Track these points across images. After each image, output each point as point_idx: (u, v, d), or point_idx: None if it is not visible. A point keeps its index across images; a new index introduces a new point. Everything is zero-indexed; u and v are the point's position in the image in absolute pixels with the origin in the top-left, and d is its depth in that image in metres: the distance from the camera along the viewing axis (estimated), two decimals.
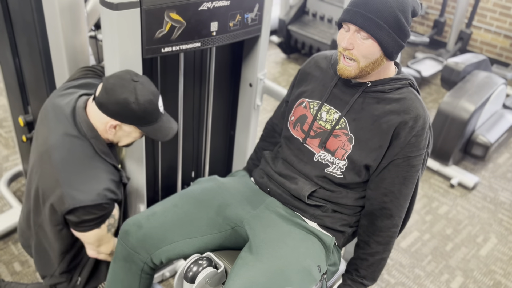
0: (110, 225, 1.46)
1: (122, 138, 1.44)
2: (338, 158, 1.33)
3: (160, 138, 1.43)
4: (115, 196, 1.40)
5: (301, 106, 1.42)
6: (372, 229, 1.35)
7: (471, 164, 3.20)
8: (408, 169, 1.29)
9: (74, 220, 1.37)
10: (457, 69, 3.11)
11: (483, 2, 4.55)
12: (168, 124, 1.45)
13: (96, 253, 1.54)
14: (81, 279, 1.61)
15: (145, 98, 1.34)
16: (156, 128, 1.41)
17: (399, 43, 1.21)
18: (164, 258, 1.40)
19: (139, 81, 1.35)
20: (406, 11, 1.19)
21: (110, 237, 1.50)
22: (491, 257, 2.43)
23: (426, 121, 1.28)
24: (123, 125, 1.38)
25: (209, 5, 1.48)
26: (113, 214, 1.45)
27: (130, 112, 1.33)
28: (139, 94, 1.32)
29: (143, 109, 1.34)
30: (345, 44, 1.22)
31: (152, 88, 1.38)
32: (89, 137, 1.39)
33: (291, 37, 4.30)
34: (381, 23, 1.17)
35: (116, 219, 1.49)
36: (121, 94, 1.32)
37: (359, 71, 1.25)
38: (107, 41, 1.41)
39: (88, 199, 1.33)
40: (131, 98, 1.32)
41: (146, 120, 1.37)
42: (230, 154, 2.20)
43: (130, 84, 1.32)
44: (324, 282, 1.35)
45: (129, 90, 1.32)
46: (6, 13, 1.84)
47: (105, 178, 1.39)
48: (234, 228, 1.40)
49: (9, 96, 2.27)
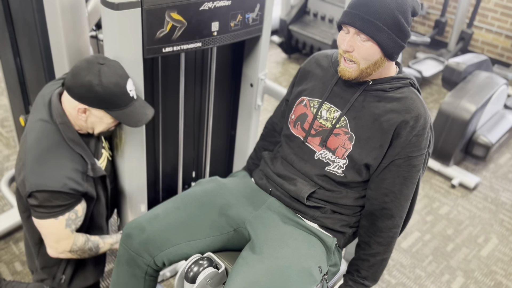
0: (70, 219, 1.41)
1: (95, 125, 1.41)
2: (339, 157, 1.32)
3: (132, 124, 1.39)
4: (78, 186, 1.37)
5: (301, 105, 1.41)
6: (373, 230, 1.35)
7: (472, 164, 3.20)
8: (409, 169, 1.28)
9: (32, 203, 1.36)
10: (458, 69, 3.10)
11: (484, 2, 4.54)
12: (142, 110, 1.41)
13: (54, 251, 1.48)
14: (65, 278, 1.60)
15: (110, 80, 1.32)
16: (127, 113, 1.37)
17: (399, 44, 1.21)
18: (167, 261, 1.39)
19: (105, 63, 1.33)
20: (406, 11, 1.19)
21: (68, 233, 1.43)
22: (492, 258, 2.42)
23: (427, 120, 1.28)
24: (92, 109, 1.36)
25: (210, 5, 1.48)
26: (75, 209, 1.41)
27: (95, 95, 1.32)
28: (103, 76, 1.31)
29: (109, 91, 1.32)
30: (345, 46, 1.21)
31: (120, 71, 1.35)
32: (58, 123, 1.38)
33: (292, 37, 4.30)
34: (380, 25, 1.17)
35: (78, 216, 1.43)
36: (85, 77, 1.31)
37: (360, 72, 1.25)
38: (108, 41, 1.41)
39: (47, 184, 1.32)
40: (95, 81, 1.31)
41: (114, 104, 1.35)
42: (231, 154, 2.20)
43: (95, 66, 1.32)
44: (325, 283, 1.35)
45: (93, 72, 1.31)
46: (7, 13, 1.84)
47: (68, 166, 1.36)
48: (237, 229, 1.40)
49: (10, 96, 2.27)
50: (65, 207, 1.38)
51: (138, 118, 1.40)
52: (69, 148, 1.38)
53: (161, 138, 1.81)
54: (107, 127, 1.44)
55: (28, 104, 2.08)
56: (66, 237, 1.44)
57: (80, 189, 1.38)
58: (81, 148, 1.41)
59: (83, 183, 1.39)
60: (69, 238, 1.45)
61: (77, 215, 1.43)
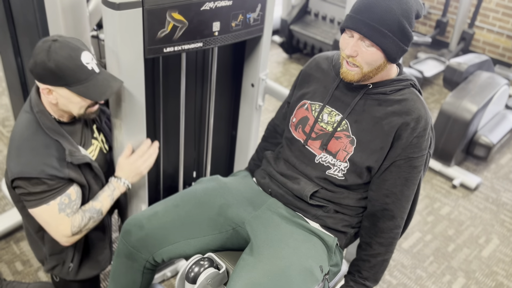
0: (62, 204, 1.40)
1: (68, 106, 1.40)
2: (340, 160, 1.32)
3: (95, 97, 1.36)
4: (56, 172, 1.36)
5: (303, 108, 1.41)
6: (374, 231, 1.35)
7: (473, 165, 3.19)
8: (410, 170, 1.28)
9: (20, 193, 1.38)
10: (460, 69, 3.10)
11: (486, 2, 4.54)
12: (106, 82, 1.38)
13: (60, 239, 1.47)
14: (73, 266, 1.61)
15: (61, 54, 1.30)
16: (89, 87, 1.35)
17: (402, 48, 1.21)
18: (165, 257, 1.41)
19: (58, 40, 1.32)
20: (410, 16, 1.19)
21: (64, 218, 1.42)
22: (493, 258, 2.42)
23: (428, 122, 1.27)
24: (55, 89, 1.35)
25: (211, 5, 1.48)
26: (67, 193, 1.41)
27: (49, 72, 1.31)
28: (53, 51, 1.30)
29: (61, 66, 1.30)
30: (349, 51, 1.21)
31: (73, 45, 1.33)
32: (35, 112, 1.40)
33: (293, 37, 4.30)
34: (385, 32, 1.16)
35: (72, 200, 1.43)
36: (38, 55, 1.31)
37: (362, 76, 1.25)
38: (109, 40, 1.41)
39: (24, 171, 1.33)
40: (46, 57, 1.30)
41: (72, 79, 1.33)
42: (232, 154, 2.20)
43: (47, 43, 1.31)
44: (326, 283, 1.34)
45: (44, 49, 1.30)
46: (8, 13, 1.85)
47: (43, 152, 1.36)
48: (235, 228, 1.40)
49: (11, 95, 2.27)
50: (54, 191, 1.38)
51: (101, 90, 1.36)
52: (46, 135, 1.39)
53: (162, 138, 1.81)
54: (81, 107, 1.41)
55: None
56: (63, 222, 1.43)
57: (59, 174, 1.37)
58: (59, 135, 1.41)
59: (61, 169, 1.38)
60: (66, 222, 1.44)
61: (70, 198, 1.42)
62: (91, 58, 1.36)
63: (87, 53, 1.35)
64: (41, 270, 2.05)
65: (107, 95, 1.37)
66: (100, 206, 1.51)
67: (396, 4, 1.16)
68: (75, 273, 1.63)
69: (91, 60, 1.36)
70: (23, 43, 1.88)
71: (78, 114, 1.43)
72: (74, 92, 1.35)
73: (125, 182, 1.54)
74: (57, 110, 1.42)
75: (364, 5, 1.17)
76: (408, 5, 1.18)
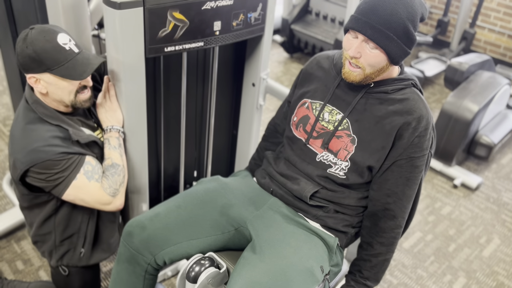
0: (88, 172, 1.42)
1: (57, 93, 1.40)
2: (341, 159, 1.32)
3: (76, 77, 1.37)
4: (65, 148, 1.38)
5: (304, 107, 1.41)
6: (375, 230, 1.35)
7: (474, 164, 3.19)
8: (411, 170, 1.28)
9: (41, 185, 1.39)
10: (461, 69, 3.10)
11: (487, 1, 4.53)
12: (86, 61, 1.38)
13: (105, 205, 1.48)
14: (84, 251, 1.62)
15: (37, 38, 1.31)
16: (69, 67, 1.35)
17: (406, 51, 1.21)
18: (167, 259, 1.40)
19: (34, 28, 1.34)
20: (415, 20, 1.19)
21: (95, 184, 1.44)
22: (494, 258, 2.42)
23: (429, 121, 1.27)
24: (41, 76, 1.36)
25: (212, 5, 1.48)
26: (87, 161, 1.42)
27: (29, 59, 1.32)
28: (29, 38, 1.31)
29: (39, 49, 1.31)
30: (352, 53, 1.21)
31: (48, 28, 1.34)
32: (30, 103, 1.42)
33: (294, 37, 4.29)
34: (390, 35, 1.16)
35: (94, 165, 1.44)
36: (17, 45, 1.33)
37: (364, 77, 1.25)
38: (110, 40, 1.41)
39: (34, 157, 1.34)
40: (24, 45, 1.32)
41: (52, 62, 1.33)
42: (233, 154, 2.20)
43: (24, 33, 1.33)
44: (326, 283, 1.34)
45: (22, 38, 1.33)
46: (10, 13, 1.85)
47: (44, 135, 1.38)
48: (238, 229, 1.40)
49: (12, 94, 2.28)
50: (74, 166, 1.40)
51: (81, 69, 1.37)
52: (45, 122, 1.41)
53: (163, 138, 1.81)
54: (69, 91, 1.41)
55: None
56: (97, 189, 1.45)
57: (69, 150, 1.39)
58: (58, 120, 1.42)
59: (69, 146, 1.40)
60: (99, 189, 1.45)
61: (92, 164, 1.44)
62: (69, 39, 1.37)
63: (64, 35, 1.36)
64: (42, 269, 2.05)
65: (88, 73, 1.38)
66: (109, 161, 1.50)
67: (402, 7, 1.15)
68: (88, 258, 1.63)
69: (68, 41, 1.36)
70: None
71: (70, 101, 1.43)
72: (56, 75, 1.35)
73: (111, 128, 1.54)
74: (51, 101, 1.43)
75: (370, 7, 1.16)
76: (414, 8, 1.17)
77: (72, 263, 1.63)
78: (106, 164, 1.49)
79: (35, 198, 1.50)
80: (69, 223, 1.57)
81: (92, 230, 1.61)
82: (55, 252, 1.62)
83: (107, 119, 1.53)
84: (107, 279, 2.02)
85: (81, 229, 1.59)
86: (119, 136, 1.54)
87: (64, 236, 1.59)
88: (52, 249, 1.62)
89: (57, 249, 1.62)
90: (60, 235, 1.59)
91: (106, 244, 1.67)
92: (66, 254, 1.62)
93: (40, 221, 1.56)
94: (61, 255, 1.62)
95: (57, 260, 1.63)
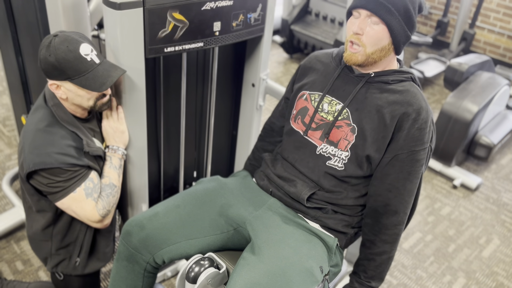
0: (88, 188, 1.44)
1: (77, 99, 1.41)
2: (341, 149, 1.32)
3: (95, 88, 1.38)
4: (76, 161, 1.39)
5: (302, 99, 1.42)
6: (378, 227, 1.35)
7: (474, 165, 3.19)
8: (412, 164, 1.28)
9: (41, 189, 1.40)
10: (461, 69, 3.10)
11: (487, 2, 4.53)
12: (106, 73, 1.39)
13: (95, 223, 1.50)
14: (80, 260, 1.62)
15: (60, 47, 1.32)
16: (89, 78, 1.36)
17: (406, 33, 1.24)
18: (166, 258, 1.40)
19: (58, 35, 1.34)
20: (415, 2, 1.23)
21: (91, 203, 1.46)
22: (494, 259, 2.42)
23: (429, 114, 1.28)
24: (62, 83, 1.37)
25: (212, 5, 1.48)
26: (90, 177, 1.44)
27: (51, 66, 1.33)
28: (52, 46, 1.32)
29: (61, 59, 1.32)
30: (355, 29, 1.23)
31: (71, 37, 1.35)
32: (50, 105, 1.43)
33: (294, 37, 4.30)
34: (392, 9, 1.19)
35: (95, 184, 1.46)
36: (40, 52, 1.34)
37: (366, 57, 1.26)
38: (110, 40, 1.41)
39: (44, 161, 1.35)
40: (47, 52, 1.33)
41: (73, 72, 1.34)
42: (232, 154, 2.20)
43: (48, 39, 1.34)
44: (326, 283, 1.34)
45: (45, 45, 1.33)
46: (10, 13, 1.85)
47: (60, 143, 1.39)
48: (237, 229, 1.40)
49: (12, 95, 2.28)
50: (77, 179, 1.41)
51: (101, 81, 1.38)
52: (62, 127, 1.42)
53: (163, 138, 1.82)
54: (88, 99, 1.42)
55: (29, 103, 2.08)
56: (92, 206, 1.46)
57: (80, 163, 1.40)
58: (75, 127, 1.44)
59: (80, 158, 1.41)
60: (94, 207, 1.47)
61: (94, 182, 1.46)
62: (91, 49, 1.37)
63: (86, 45, 1.37)
64: (41, 269, 2.05)
65: (107, 85, 1.38)
66: (107, 180, 1.52)
67: None
68: (83, 267, 1.63)
69: (90, 52, 1.37)
70: (24, 43, 1.88)
71: (89, 106, 1.45)
72: (76, 85, 1.37)
73: (117, 149, 1.55)
74: (69, 105, 1.44)
75: None
76: None
77: (67, 272, 1.64)
78: (104, 182, 1.51)
79: (38, 201, 1.50)
80: (67, 233, 1.58)
81: (89, 240, 1.61)
82: (50, 259, 1.62)
83: (113, 140, 1.55)
84: (107, 279, 2.02)
85: (78, 238, 1.60)
86: (122, 158, 1.56)
87: (61, 245, 1.59)
88: (47, 257, 1.63)
89: (52, 257, 1.62)
90: (57, 244, 1.59)
91: (101, 254, 1.67)
92: (61, 263, 1.62)
93: (39, 228, 1.56)
94: (56, 264, 1.62)
95: (52, 267, 1.63)
